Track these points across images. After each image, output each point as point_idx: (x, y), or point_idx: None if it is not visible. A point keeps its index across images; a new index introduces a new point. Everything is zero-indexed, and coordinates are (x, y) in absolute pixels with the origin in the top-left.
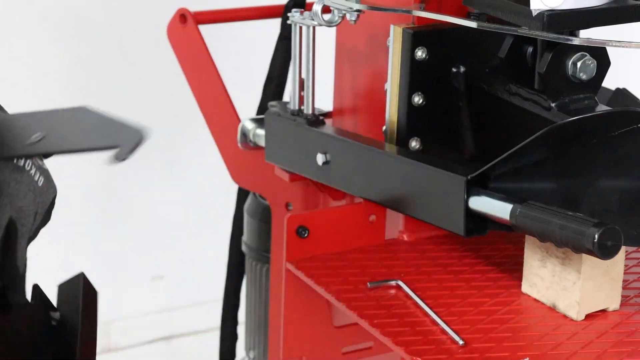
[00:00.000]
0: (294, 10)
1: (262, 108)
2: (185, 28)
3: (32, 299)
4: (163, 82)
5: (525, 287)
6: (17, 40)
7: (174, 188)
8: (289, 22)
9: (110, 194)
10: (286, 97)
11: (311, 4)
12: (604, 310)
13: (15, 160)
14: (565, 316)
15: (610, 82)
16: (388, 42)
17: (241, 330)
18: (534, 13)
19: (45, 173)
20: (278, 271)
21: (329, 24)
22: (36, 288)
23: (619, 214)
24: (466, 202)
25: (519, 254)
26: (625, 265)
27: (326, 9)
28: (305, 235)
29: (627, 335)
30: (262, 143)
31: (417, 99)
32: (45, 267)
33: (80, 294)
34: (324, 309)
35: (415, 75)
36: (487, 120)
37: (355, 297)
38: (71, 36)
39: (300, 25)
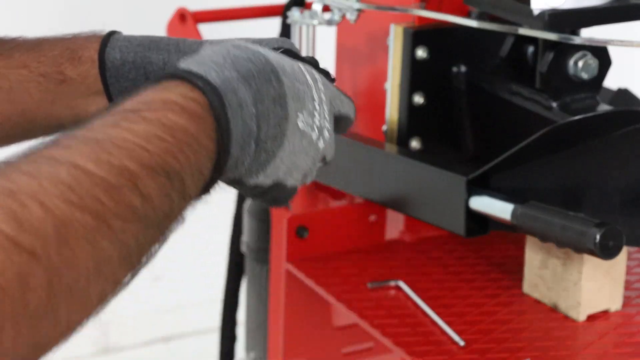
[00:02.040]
0: (293, 9)
1: None
2: (185, 27)
3: None
4: None
5: (526, 288)
6: None
7: None
8: (288, 21)
9: None
10: None
11: (311, 3)
12: (605, 311)
13: None
14: (566, 317)
15: (612, 82)
16: (388, 42)
17: (241, 330)
18: (536, 12)
19: None
20: (278, 271)
21: (329, 23)
22: None
23: (621, 214)
24: (467, 202)
25: (520, 255)
26: (628, 266)
27: (326, 8)
28: (305, 235)
29: (629, 336)
30: None
31: (418, 99)
32: None
33: None
34: (324, 309)
35: (416, 75)
36: (488, 119)
37: (356, 297)
38: None
39: (300, 24)
